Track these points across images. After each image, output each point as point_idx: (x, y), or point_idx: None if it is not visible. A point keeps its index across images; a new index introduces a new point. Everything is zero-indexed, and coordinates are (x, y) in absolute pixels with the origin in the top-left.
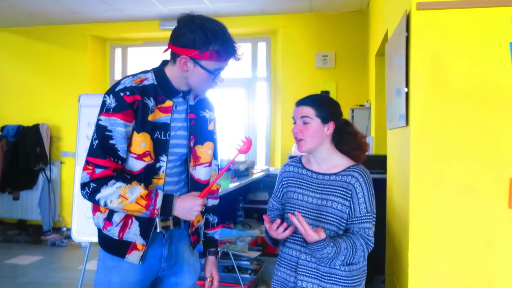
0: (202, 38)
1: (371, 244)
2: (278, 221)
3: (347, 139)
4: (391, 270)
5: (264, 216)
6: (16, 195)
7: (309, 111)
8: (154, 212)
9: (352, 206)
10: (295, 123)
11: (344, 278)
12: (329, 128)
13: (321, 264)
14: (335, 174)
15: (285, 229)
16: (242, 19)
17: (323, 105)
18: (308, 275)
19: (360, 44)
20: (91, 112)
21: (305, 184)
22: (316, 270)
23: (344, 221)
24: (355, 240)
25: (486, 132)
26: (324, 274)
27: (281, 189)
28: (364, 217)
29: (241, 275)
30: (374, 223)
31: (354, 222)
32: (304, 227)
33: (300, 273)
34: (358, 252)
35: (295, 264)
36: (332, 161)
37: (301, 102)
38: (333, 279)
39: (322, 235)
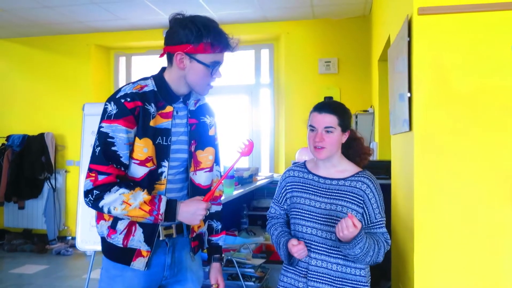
0: (194, 32)
1: (389, 244)
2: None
3: (352, 144)
4: (397, 276)
5: (291, 241)
6: (21, 204)
7: (333, 120)
8: (158, 217)
9: (367, 212)
10: (313, 130)
11: (354, 282)
12: (345, 136)
13: (332, 269)
14: (343, 179)
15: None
16: (245, 26)
17: (344, 114)
18: (320, 280)
19: (362, 49)
20: (96, 120)
21: (311, 189)
22: (327, 275)
23: None
24: (376, 238)
25: (489, 136)
26: (336, 278)
27: (283, 194)
28: (380, 222)
29: (246, 283)
30: (385, 225)
31: (371, 227)
32: (354, 222)
33: (311, 278)
34: (382, 249)
35: (305, 269)
36: (340, 167)
37: (325, 110)
38: (344, 282)
39: (358, 224)
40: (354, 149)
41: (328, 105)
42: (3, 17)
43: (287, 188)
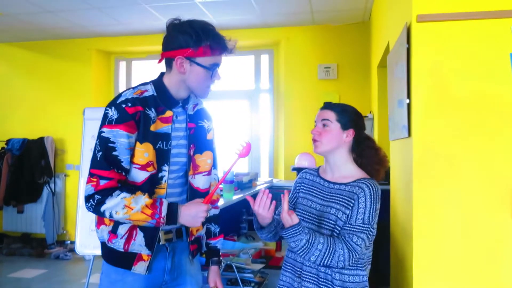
0: (193, 37)
1: (355, 254)
2: (265, 191)
3: (367, 152)
4: (396, 282)
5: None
6: (20, 208)
7: (330, 114)
8: (160, 220)
9: (350, 213)
10: (316, 125)
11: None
12: (348, 135)
13: (321, 270)
14: (345, 184)
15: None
16: (245, 32)
17: (345, 112)
18: (310, 280)
19: (362, 55)
20: (96, 125)
21: (315, 191)
22: (316, 276)
23: (338, 227)
24: (336, 242)
25: (488, 142)
26: (321, 279)
27: (295, 195)
28: (358, 227)
29: None
30: (368, 236)
31: (346, 228)
32: (283, 206)
33: (304, 278)
34: (336, 254)
35: (299, 269)
36: (345, 171)
37: (325, 106)
38: (328, 285)
39: (295, 219)
40: (368, 157)
41: (330, 103)
42: (5, 21)
43: (297, 189)
